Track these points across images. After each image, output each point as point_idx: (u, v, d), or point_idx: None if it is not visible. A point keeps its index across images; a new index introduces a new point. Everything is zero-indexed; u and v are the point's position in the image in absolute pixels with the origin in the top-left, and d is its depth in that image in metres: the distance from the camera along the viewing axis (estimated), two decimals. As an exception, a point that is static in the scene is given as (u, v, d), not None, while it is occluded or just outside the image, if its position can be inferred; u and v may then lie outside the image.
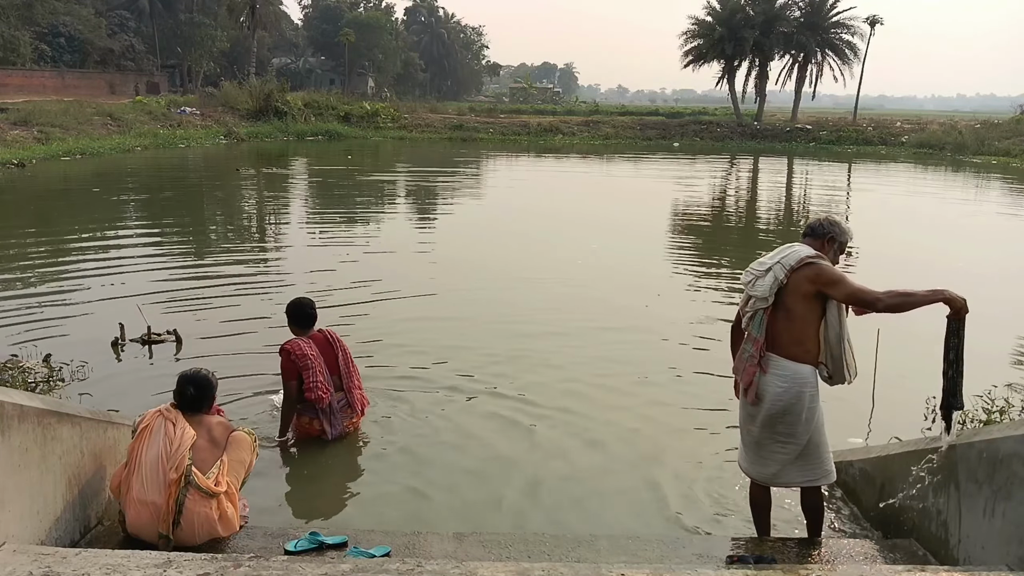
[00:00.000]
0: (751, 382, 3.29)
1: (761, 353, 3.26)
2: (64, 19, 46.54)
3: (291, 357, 4.74)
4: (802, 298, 3.21)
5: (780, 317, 3.25)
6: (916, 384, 5.79)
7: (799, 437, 3.28)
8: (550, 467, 4.65)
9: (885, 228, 15.35)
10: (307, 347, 4.78)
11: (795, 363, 3.24)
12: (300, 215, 15.82)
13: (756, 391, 3.28)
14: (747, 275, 3.35)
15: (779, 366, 3.25)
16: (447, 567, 2.39)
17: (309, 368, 4.72)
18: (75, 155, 23.96)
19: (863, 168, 30.87)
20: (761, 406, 3.30)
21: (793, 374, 3.23)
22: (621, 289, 9.30)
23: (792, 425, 3.26)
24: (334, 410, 4.82)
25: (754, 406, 3.33)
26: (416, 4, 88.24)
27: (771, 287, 3.21)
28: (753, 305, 3.28)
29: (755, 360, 3.27)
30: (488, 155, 32.05)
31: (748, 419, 3.40)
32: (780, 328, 3.25)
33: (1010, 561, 2.57)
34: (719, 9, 46.94)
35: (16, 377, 5.36)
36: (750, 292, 3.30)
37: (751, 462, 3.46)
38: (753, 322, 3.28)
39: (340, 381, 4.89)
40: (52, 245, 11.34)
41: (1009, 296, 9.61)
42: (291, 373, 4.74)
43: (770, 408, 3.27)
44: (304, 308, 4.94)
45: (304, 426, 4.83)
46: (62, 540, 2.99)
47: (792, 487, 3.56)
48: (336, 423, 4.82)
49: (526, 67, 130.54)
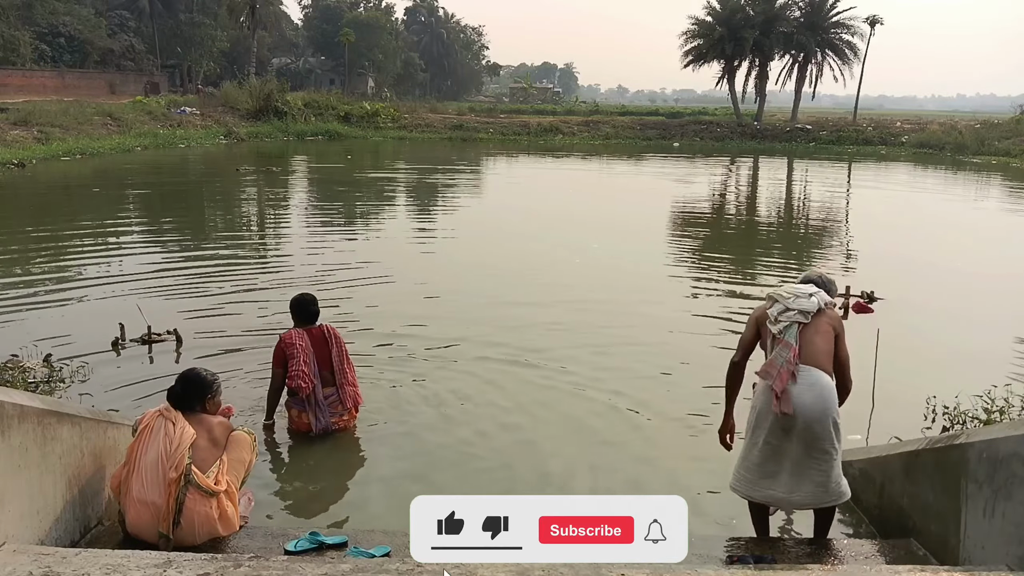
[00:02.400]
0: (785, 391, 3.29)
1: (796, 361, 3.32)
2: (64, 19, 46.51)
3: (281, 345, 4.90)
4: (828, 326, 3.45)
5: (811, 333, 3.40)
6: (916, 384, 5.81)
7: (832, 451, 3.30)
8: (551, 468, 4.65)
9: (885, 228, 15.35)
10: (298, 338, 4.89)
11: (824, 374, 3.34)
12: (300, 214, 15.83)
13: (791, 401, 3.28)
14: (786, 294, 3.50)
15: (810, 375, 3.31)
16: (447, 567, 2.38)
17: (295, 356, 4.84)
18: (75, 155, 23.94)
19: (863, 168, 30.87)
20: (796, 421, 3.28)
21: (824, 384, 3.32)
22: (622, 289, 9.30)
23: (829, 439, 3.29)
24: (319, 402, 4.89)
25: (788, 418, 3.29)
26: (416, 4, 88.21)
27: (816, 307, 3.43)
28: (791, 317, 3.42)
29: (790, 367, 3.31)
30: (488, 155, 32.06)
31: (782, 436, 3.33)
32: (812, 340, 3.39)
33: (1010, 561, 2.57)
34: (719, 9, 46.88)
35: (16, 377, 5.36)
36: (791, 305, 3.42)
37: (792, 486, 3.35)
38: (787, 332, 3.39)
39: (332, 376, 4.94)
40: (52, 245, 11.34)
41: (1009, 296, 9.62)
42: (278, 360, 4.92)
43: (807, 417, 3.26)
44: (305, 304, 5.03)
45: (295, 419, 4.93)
46: (62, 540, 2.99)
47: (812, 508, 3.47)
48: (321, 416, 4.88)
49: (526, 67, 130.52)
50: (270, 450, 4.76)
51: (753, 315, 3.64)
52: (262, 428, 4.95)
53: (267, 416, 5.02)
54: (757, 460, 3.40)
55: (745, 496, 3.52)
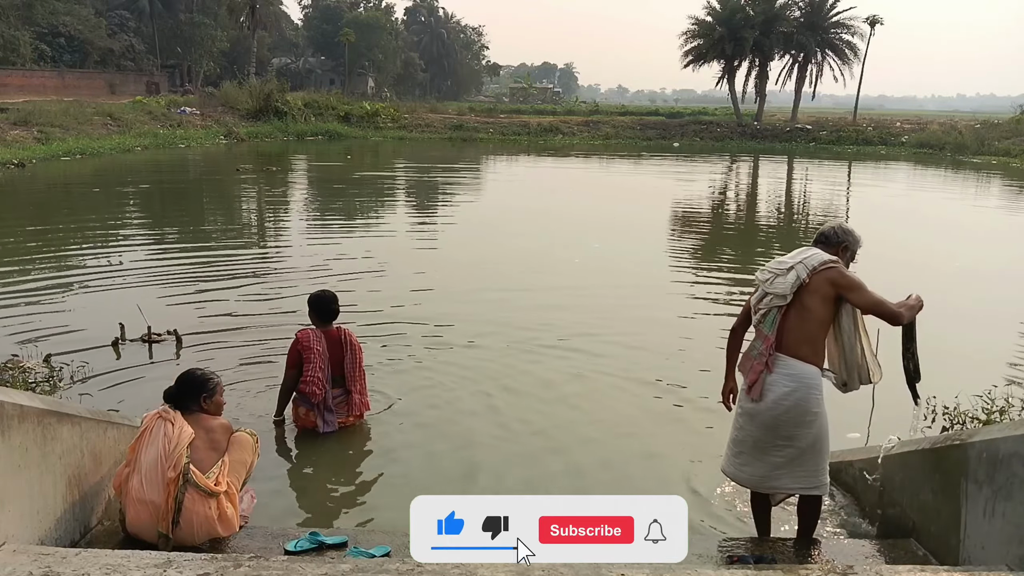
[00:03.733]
0: (756, 380, 3.25)
1: (770, 352, 3.24)
2: (64, 19, 46.52)
3: (297, 346, 4.86)
4: (821, 300, 3.22)
5: (793, 317, 3.24)
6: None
7: (799, 440, 3.24)
8: (551, 468, 4.64)
9: (885, 228, 15.32)
10: (315, 341, 4.85)
11: (802, 363, 3.22)
12: (301, 213, 15.84)
13: (761, 389, 3.25)
14: (764, 273, 3.33)
15: (786, 365, 3.22)
16: (447, 567, 2.38)
17: (311, 362, 4.81)
18: (75, 155, 23.94)
19: (863, 168, 30.87)
20: (763, 405, 3.25)
21: (800, 374, 3.21)
22: (623, 289, 9.30)
23: (795, 427, 3.23)
24: (328, 406, 4.88)
25: (755, 404, 3.28)
26: (416, 4, 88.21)
27: (792, 285, 3.21)
28: (769, 303, 3.27)
29: (764, 358, 3.24)
30: (488, 155, 32.06)
31: (747, 419, 3.34)
32: (792, 327, 3.24)
33: (1010, 561, 2.57)
34: (719, 9, 46.89)
35: (16, 377, 5.36)
36: (767, 289, 3.28)
37: (742, 464, 3.38)
38: (766, 320, 3.27)
39: (343, 379, 4.93)
40: (52, 245, 11.33)
41: (1009, 296, 9.62)
42: (292, 361, 4.89)
43: (773, 408, 3.23)
44: (326, 302, 4.99)
45: (301, 416, 4.94)
46: (62, 540, 2.99)
47: (780, 492, 3.48)
48: (330, 420, 4.89)
49: (526, 67, 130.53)
50: (274, 447, 4.76)
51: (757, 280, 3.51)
52: (272, 423, 4.97)
53: (276, 413, 5.04)
54: (732, 436, 3.45)
55: (727, 474, 3.53)
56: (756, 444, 3.32)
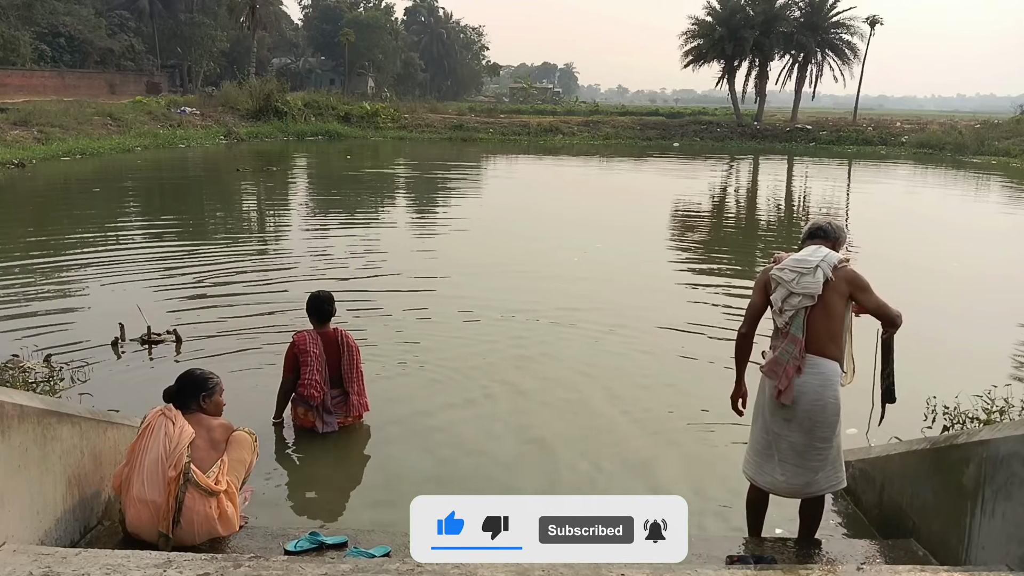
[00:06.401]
0: (790, 383, 3.21)
1: (802, 354, 3.21)
2: (64, 19, 46.52)
3: (294, 350, 4.87)
4: (839, 298, 3.23)
5: (820, 316, 3.22)
6: (916, 384, 5.79)
7: (836, 439, 3.26)
8: (552, 468, 4.64)
9: (885, 228, 15.35)
10: (312, 344, 4.86)
11: (830, 361, 3.22)
12: (300, 213, 15.83)
13: (793, 393, 3.20)
14: (789, 273, 3.26)
15: (815, 365, 3.20)
16: (447, 567, 2.38)
17: (308, 365, 4.83)
18: (75, 155, 23.94)
19: (863, 168, 30.86)
20: (797, 409, 3.21)
21: (829, 372, 3.21)
22: (624, 288, 9.30)
23: (831, 426, 3.22)
24: (327, 408, 4.90)
25: (789, 408, 3.22)
26: (416, 4, 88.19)
27: (821, 284, 3.20)
28: (797, 303, 3.22)
29: (797, 362, 3.20)
30: (488, 155, 32.05)
31: (783, 426, 3.27)
32: (819, 327, 3.22)
33: (1010, 561, 2.57)
34: (719, 9, 46.87)
35: (16, 377, 5.36)
36: (794, 289, 3.22)
37: (782, 473, 3.30)
38: (794, 322, 3.23)
39: (340, 380, 4.94)
40: (52, 245, 11.33)
41: (1009, 296, 9.62)
42: (289, 365, 4.90)
43: (810, 410, 3.19)
44: (320, 302, 4.99)
45: (300, 416, 4.96)
46: (62, 540, 2.99)
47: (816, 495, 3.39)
48: (329, 421, 4.90)
49: (526, 67, 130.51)
50: (273, 448, 4.76)
51: (760, 279, 3.42)
52: (271, 424, 4.97)
53: (275, 415, 5.04)
54: (761, 445, 3.39)
55: (751, 479, 3.48)
56: (795, 450, 3.26)
